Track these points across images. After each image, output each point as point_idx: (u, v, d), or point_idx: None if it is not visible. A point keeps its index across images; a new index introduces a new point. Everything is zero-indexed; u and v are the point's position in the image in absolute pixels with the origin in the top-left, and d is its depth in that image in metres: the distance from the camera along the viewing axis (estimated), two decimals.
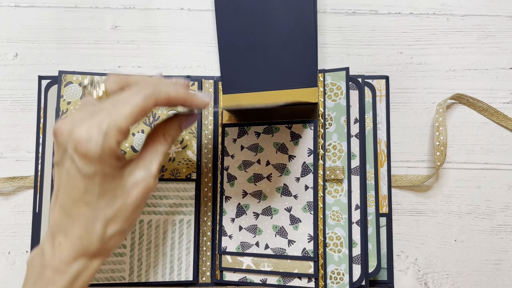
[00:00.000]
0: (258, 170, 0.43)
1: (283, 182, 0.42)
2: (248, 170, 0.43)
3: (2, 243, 0.46)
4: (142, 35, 0.49)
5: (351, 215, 0.41)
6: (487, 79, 0.48)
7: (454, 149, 0.47)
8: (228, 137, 0.45)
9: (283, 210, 0.41)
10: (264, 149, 0.43)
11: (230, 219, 0.43)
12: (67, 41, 0.48)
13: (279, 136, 0.43)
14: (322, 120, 0.42)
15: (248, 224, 0.43)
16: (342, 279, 0.40)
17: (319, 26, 0.49)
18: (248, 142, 0.44)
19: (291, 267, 0.41)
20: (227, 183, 0.44)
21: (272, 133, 0.43)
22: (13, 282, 0.46)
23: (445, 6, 0.49)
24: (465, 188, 0.47)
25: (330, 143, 0.42)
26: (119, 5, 0.49)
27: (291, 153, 0.42)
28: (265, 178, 0.43)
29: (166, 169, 0.44)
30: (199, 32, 0.49)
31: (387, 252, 0.44)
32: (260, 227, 0.42)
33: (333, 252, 0.41)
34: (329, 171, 0.41)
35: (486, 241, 0.46)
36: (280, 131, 0.43)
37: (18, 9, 0.49)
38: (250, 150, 0.44)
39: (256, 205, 0.42)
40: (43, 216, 0.43)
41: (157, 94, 0.29)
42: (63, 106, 0.43)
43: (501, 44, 0.48)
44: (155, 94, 0.29)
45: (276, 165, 0.42)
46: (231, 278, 0.43)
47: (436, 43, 0.48)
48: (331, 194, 0.41)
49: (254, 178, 0.43)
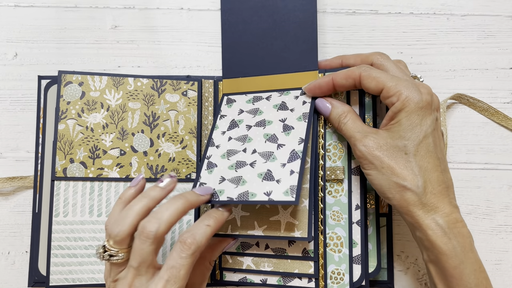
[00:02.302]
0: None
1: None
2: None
3: (2, 243, 0.46)
4: (141, 35, 0.49)
5: (351, 215, 0.41)
6: (487, 79, 0.48)
7: (454, 149, 0.47)
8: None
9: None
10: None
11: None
12: (66, 41, 0.48)
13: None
14: (322, 120, 0.42)
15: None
16: (342, 279, 0.40)
17: (319, 26, 0.49)
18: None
19: (291, 267, 0.41)
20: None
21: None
22: (13, 282, 0.46)
23: (445, 6, 0.49)
24: (465, 188, 0.47)
25: (330, 143, 0.42)
26: (118, 5, 0.49)
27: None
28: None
29: (166, 169, 0.44)
30: (199, 32, 0.49)
31: (387, 252, 0.44)
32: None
33: (333, 252, 0.41)
34: (329, 171, 0.41)
35: (486, 241, 0.46)
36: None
37: (18, 9, 0.49)
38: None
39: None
40: (43, 216, 0.43)
41: (200, 245, 0.33)
42: (63, 106, 0.43)
43: (501, 44, 0.48)
44: (198, 246, 0.33)
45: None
46: (231, 278, 0.43)
47: (436, 43, 0.48)
48: (332, 194, 0.41)
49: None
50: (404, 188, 0.34)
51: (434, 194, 0.34)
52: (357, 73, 0.37)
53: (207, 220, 0.35)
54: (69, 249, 0.42)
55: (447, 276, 0.34)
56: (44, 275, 0.43)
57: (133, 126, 0.44)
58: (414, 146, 0.35)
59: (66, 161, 0.43)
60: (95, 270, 0.42)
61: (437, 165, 0.35)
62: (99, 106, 0.44)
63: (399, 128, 0.35)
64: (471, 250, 0.34)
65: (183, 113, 0.45)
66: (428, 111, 0.35)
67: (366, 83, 0.37)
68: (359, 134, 0.37)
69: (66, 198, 0.43)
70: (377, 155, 0.35)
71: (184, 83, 0.45)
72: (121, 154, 0.44)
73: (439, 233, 0.34)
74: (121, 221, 0.33)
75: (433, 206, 0.34)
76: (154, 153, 0.44)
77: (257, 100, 0.44)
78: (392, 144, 0.35)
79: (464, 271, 0.33)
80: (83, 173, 0.43)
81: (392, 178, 0.35)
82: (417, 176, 0.34)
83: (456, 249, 0.33)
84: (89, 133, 0.43)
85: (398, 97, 0.35)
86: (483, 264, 0.35)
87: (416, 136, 0.35)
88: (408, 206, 0.35)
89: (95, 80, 0.44)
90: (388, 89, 0.36)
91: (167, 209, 0.33)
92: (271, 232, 0.40)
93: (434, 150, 0.35)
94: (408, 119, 0.35)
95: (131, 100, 0.44)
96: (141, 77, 0.45)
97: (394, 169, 0.35)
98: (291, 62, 0.43)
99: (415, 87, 0.35)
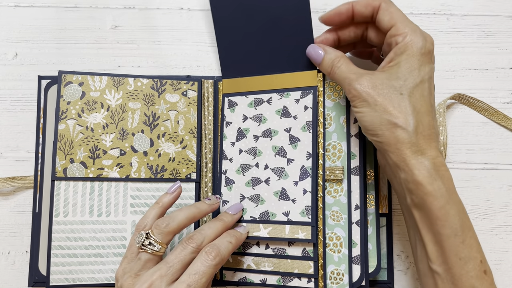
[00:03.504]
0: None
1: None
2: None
3: (2, 243, 0.46)
4: (141, 35, 0.49)
5: (350, 215, 0.41)
6: (487, 79, 0.48)
7: (454, 149, 0.47)
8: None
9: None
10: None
11: None
12: (66, 41, 0.48)
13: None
14: (321, 120, 0.42)
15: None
16: (341, 279, 0.40)
17: (319, 26, 0.49)
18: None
19: (291, 267, 0.41)
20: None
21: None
22: (13, 282, 0.46)
23: (445, 6, 0.49)
24: (465, 188, 0.47)
25: (330, 143, 0.42)
26: (118, 5, 0.49)
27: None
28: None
29: (166, 169, 0.44)
30: (199, 32, 0.49)
31: (387, 252, 0.44)
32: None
33: (332, 252, 0.41)
34: (329, 171, 0.41)
35: (486, 241, 0.46)
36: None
37: (18, 9, 0.49)
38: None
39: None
40: (43, 216, 0.43)
41: (223, 258, 0.36)
42: (63, 106, 0.43)
43: (501, 44, 0.48)
44: (222, 259, 0.36)
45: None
46: (231, 278, 0.43)
47: (436, 43, 0.48)
48: (331, 194, 0.41)
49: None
50: (395, 125, 0.35)
51: (424, 136, 0.35)
52: (377, 3, 0.38)
53: (229, 238, 0.38)
54: (69, 249, 0.42)
55: (432, 219, 0.34)
56: (44, 275, 0.43)
57: (133, 126, 0.44)
58: (410, 88, 0.35)
59: (66, 161, 0.43)
60: (95, 270, 0.42)
61: (430, 110, 0.36)
62: (99, 106, 0.44)
63: (397, 70, 0.36)
64: (455, 192, 0.34)
65: (183, 113, 0.45)
66: (428, 59, 0.36)
67: (382, 15, 0.37)
68: (354, 75, 0.37)
69: (66, 198, 0.43)
70: (371, 93, 0.36)
71: (184, 83, 0.45)
72: (121, 154, 0.44)
73: (425, 173, 0.34)
74: (171, 219, 0.37)
75: (421, 147, 0.34)
76: (154, 153, 0.44)
77: (258, 104, 0.44)
78: (388, 84, 0.36)
79: (450, 211, 0.34)
80: (83, 173, 0.43)
81: (384, 116, 0.35)
82: (410, 115, 0.35)
83: (441, 189, 0.34)
84: (89, 133, 0.43)
85: (404, 38, 0.36)
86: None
87: (414, 79, 0.35)
88: (397, 144, 0.35)
89: (95, 80, 0.44)
90: (398, 27, 0.36)
91: (209, 228, 0.38)
92: (276, 234, 0.41)
93: (428, 96, 0.36)
94: (407, 61, 0.36)
95: (131, 100, 0.44)
96: (141, 77, 0.45)
97: (387, 107, 0.35)
98: (289, 61, 0.43)
99: (422, 34, 0.36)
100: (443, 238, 0.34)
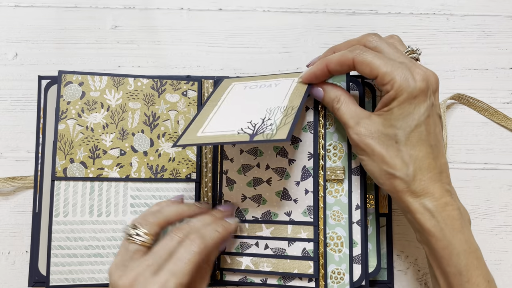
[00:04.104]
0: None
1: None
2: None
3: (2, 243, 0.46)
4: (142, 35, 0.49)
5: (351, 215, 0.41)
6: (487, 79, 0.48)
7: (454, 149, 0.47)
8: None
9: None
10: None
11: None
12: (67, 41, 0.48)
13: None
14: (322, 121, 0.42)
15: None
16: (342, 279, 0.40)
17: (319, 26, 0.49)
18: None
19: (290, 267, 0.41)
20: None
21: None
22: (13, 282, 0.46)
23: (445, 6, 0.49)
24: (465, 188, 0.47)
25: (331, 143, 0.42)
26: (119, 5, 0.49)
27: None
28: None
29: (166, 169, 0.44)
30: (199, 32, 0.49)
31: (387, 252, 0.44)
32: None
33: (333, 252, 0.41)
34: (330, 171, 0.41)
35: (486, 241, 0.46)
36: None
37: (18, 9, 0.49)
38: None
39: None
40: (43, 216, 0.43)
41: (207, 245, 0.35)
42: (63, 106, 0.43)
43: (501, 44, 0.48)
44: (206, 246, 0.35)
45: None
46: (231, 278, 0.43)
47: (436, 43, 0.48)
48: (332, 194, 0.41)
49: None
50: (393, 176, 0.35)
51: (424, 181, 0.35)
52: (350, 58, 0.36)
53: (216, 226, 0.38)
54: (69, 249, 0.42)
55: (437, 257, 0.35)
56: (44, 275, 0.43)
57: (133, 126, 0.44)
58: (405, 135, 0.35)
59: (66, 161, 0.43)
60: (95, 270, 0.42)
61: (429, 152, 0.35)
62: (99, 106, 0.44)
63: (390, 117, 0.35)
64: (461, 232, 0.34)
65: (183, 113, 0.45)
66: (422, 98, 0.34)
67: (360, 69, 0.36)
68: (352, 121, 0.37)
69: (66, 198, 0.43)
70: (368, 143, 0.36)
71: (184, 83, 0.45)
72: (121, 154, 0.44)
73: (427, 216, 0.34)
74: (159, 212, 0.39)
75: (422, 191, 0.35)
76: (154, 153, 0.44)
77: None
78: (383, 132, 0.35)
79: (453, 251, 0.34)
80: (83, 173, 0.43)
81: (382, 166, 0.35)
82: (407, 164, 0.35)
83: (444, 231, 0.34)
84: (89, 133, 0.43)
85: (392, 86, 0.34)
86: (476, 244, 0.35)
87: (408, 125, 0.34)
88: (398, 193, 0.35)
89: (95, 80, 0.44)
90: (383, 76, 0.34)
91: (199, 220, 0.38)
92: (279, 234, 0.41)
93: (426, 138, 0.35)
94: (399, 109, 0.34)
95: (131, 100, 0.44)
96: (141, 77, 0.45)
97: (384, 158, 0.35)
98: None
99: (410, 73, 0.34)
100: (449, 275, 0.34)
